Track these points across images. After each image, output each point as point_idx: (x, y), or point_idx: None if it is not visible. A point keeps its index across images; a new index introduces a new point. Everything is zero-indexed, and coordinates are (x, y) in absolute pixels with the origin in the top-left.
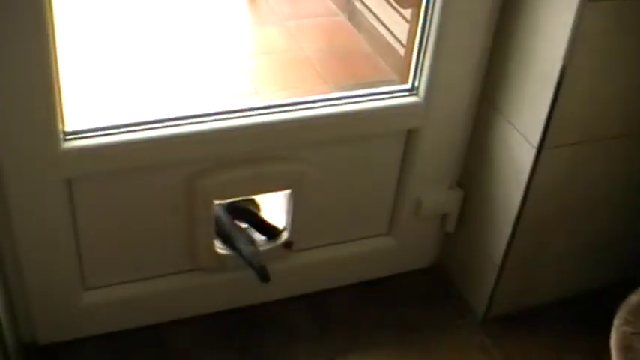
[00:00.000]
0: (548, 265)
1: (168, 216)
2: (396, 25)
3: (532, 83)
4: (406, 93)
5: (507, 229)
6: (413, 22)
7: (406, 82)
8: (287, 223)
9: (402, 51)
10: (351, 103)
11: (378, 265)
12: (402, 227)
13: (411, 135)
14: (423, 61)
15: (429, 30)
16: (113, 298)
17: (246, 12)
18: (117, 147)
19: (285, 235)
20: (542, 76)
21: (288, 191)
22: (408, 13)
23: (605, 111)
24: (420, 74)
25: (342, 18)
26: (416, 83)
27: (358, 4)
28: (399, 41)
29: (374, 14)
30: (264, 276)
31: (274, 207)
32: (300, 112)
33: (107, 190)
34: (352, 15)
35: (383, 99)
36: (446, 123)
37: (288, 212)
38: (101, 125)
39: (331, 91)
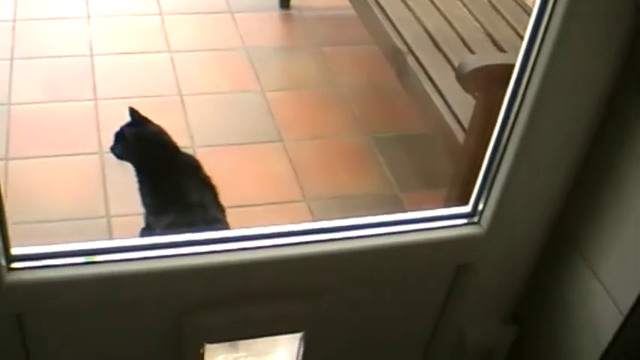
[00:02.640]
0: None
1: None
2: (456, 98)
3: (636, 232)
4: (465, 220)
5: None
6: (478, 108)
7: (460, 170)
8: None
9: (459, 133)
10: (391, 234)
11: None
12: None
13: (462, 267)
14: (492, 182)
15: (506, 146)
16: None
17: (278, 33)
18: (77, 282)
19: None
20: None
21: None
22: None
23: None
24: (487, 198)
25: None
26: (479, 207)
27: (410, 61)
28: (460, 122)
29: (430, 79)
30: None
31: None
32: (323, 244)
33: (68, 326)
34: (402, 73)
35: (433, 229)
36: (509, 258)
37: (297, 356)
38: (57, 250)
39: (368, 144)
